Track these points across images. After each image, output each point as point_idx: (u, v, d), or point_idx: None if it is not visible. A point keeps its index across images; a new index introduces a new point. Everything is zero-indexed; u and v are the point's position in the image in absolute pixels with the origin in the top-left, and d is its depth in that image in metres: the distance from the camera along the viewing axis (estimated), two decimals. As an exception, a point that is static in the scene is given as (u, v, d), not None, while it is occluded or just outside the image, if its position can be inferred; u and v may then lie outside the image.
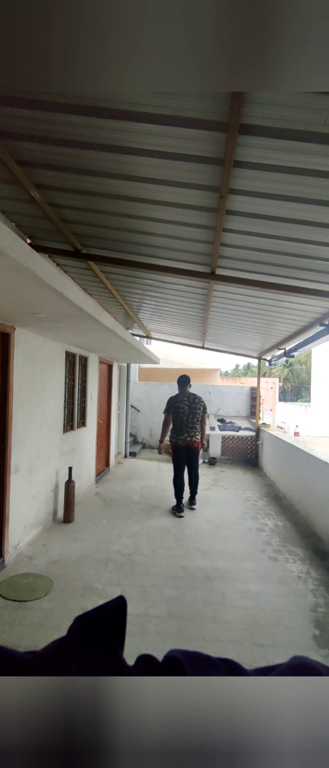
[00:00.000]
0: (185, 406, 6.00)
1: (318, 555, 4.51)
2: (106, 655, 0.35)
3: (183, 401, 6.04)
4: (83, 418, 6.73)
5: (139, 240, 3.80)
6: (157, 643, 2.86)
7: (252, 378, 22.59)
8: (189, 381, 6.17)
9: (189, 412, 5.98)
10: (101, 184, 2.89)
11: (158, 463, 8.79)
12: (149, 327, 8.80)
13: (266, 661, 2.74)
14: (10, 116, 2.24)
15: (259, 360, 9.87)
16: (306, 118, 1.92)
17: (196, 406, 6.02)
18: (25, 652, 0.35)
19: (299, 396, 37.58)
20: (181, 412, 5.98)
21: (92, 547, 4.43)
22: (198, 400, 6.06)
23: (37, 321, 3.80)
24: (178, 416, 5.99)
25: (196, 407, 6.01)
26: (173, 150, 2.34)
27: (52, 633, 2.89)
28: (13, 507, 4.11)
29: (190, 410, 5.99)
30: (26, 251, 2.22)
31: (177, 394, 6.16)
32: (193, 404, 6.02)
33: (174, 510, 5.88)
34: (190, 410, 5.99)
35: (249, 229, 3.16)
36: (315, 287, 3.98)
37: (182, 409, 5.99)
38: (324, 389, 22.17)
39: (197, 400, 6.06)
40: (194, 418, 5.98)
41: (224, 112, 1.97)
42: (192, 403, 6.03)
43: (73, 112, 2.13)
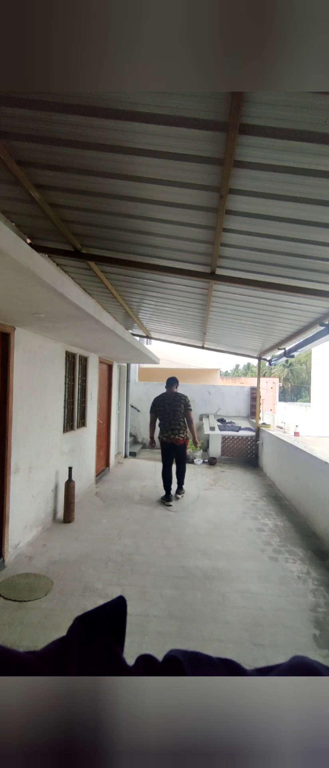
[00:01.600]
0: (166, 405, 6.41)
1: (318, 555, 4.51)
2: (106, 655, 0.35)
3: (164, 401, 6.46)
4: (83, 418, 6.73)
5: (139, 240, 3.80)
6: (157, 643, 2.86)
7: (252, 378, 22.58)
8: (176, 382, 6.64)
9: (170, 410, 6.37)
10: (101, 184, 2.89)
11: (155, 464, 8.78)
12: (149, 327, 8.80)
13: (266, 661, 2.74)
14: (10, 116, 2.24)
15: (259, 360, 9.87)
16: (306, 118, 1.92)
17: (177, 404, 6.36)
18: (25, 652, 0.35)
19: (299, 396, 37.60)
20: (163, 411, 6.41)
21: (92, 547, 4.43)
22: (178, 398, 6.42)
23: (37, 321, 3.80)
24: (161, 415, 6.44)
25: (177, 405, 6.37)
26: (173, 150, 2.34)
27: (52, 633, 2.89)
28: (13, 507, 4.11)
29: (171, 408, 6.37)
30: (26, 251, 2.22)
31: (161, 394, 6.60)
32: (174, 402, 6.39)
33: (162, 500, 6.34)
34: (171, 408, 6.37)
35: (249, 229, 3.16)
36: (315, 287, 3.98)
37: (164, 408, 6.42)
38: (324, 389, 22.18)
39: (178, 398, 6.39)
40: (175, 415, 6.34)
41: (224, 112, 1.97)
42: (173, 402, 6.39)
43: (73, 112, 2.13)
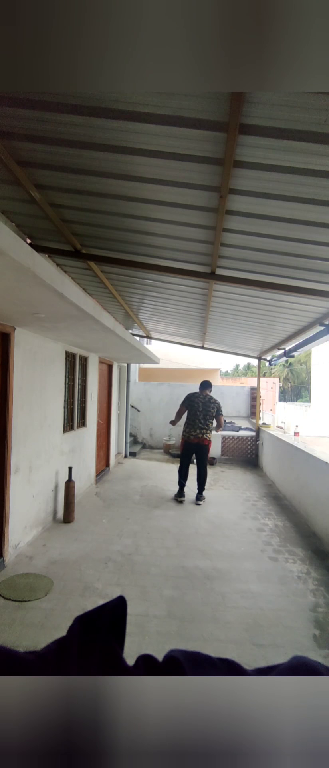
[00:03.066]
0: (200, 404, 6.47)
1: (318, 555, 4.51)
2: (106, 655, 0.35)
3: (198, 399, 6.52)
4: (83, 418, 6.73)
5: (139, 240, 3.80)
6: (157, 643, 2.86)
7: (252, 378, 22.59)
8: (210, 386, 6.68)
9: (203, 409, 6.43)
10: (101, 184, 2.89)
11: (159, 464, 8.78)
12: (149, 327, 8.80)
13: (266, 661, 2.74)
14: (10, 116, 2.24)
15: (259, 360, 9.87)
16: (306, 118, 1.92)
17: (210, 407, 6.48)
18: (25, 652, 0.35)
19: (299, 396, 37.60)
20: (195, 408, 6.46)
21: (92, 547, 4.43)
22: (212, 401, 6.53)
23: (37, 321, 3.80)
24: (192, 411, 6.47)
25: (210, 407, 6.47)
26: (173, 150, 2.34)
27: (52, 633, 2.89)
28: (13, 507, 4.11)
29: (204, 408, 6.44)
30: (26, 251, 2.22)
31: (195, 393, 6.65)
32: (207, 404, 6.47)
33: (176, 497, 6.48)
34: (204, 408, 6.44)
35: (249, 229, 3.16)
36: (315, 287, 3.98)
37: (196, 406, 6.46)
38: (324, 389, 22.18)
39: (212, 401, 6.52)
40: (207, 416, 6.41)
41: (224, 112, 1.97)
42: (207, 404, 6.47)
43: (72, 112, 2.13)
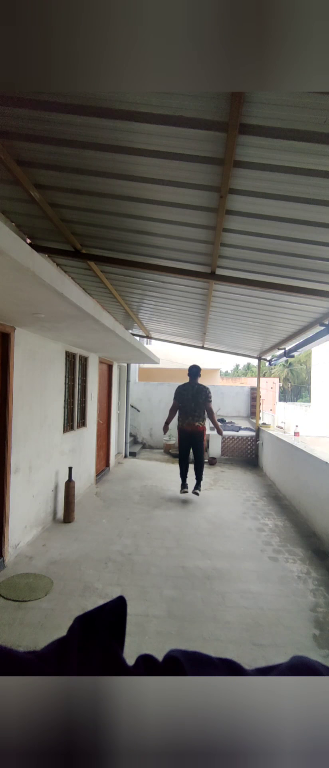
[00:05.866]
0: (189, 393, 6.53)
1: (318, 555, 4.51)
2: (106, 655, 0.35)
3: (187, 389, 6.57)
4: (83, 418, 6.73)
5: (139, 240, 3.80)
6: (157, 643, 2.86)
7: (252, 378, 22.58)
8: (199, 372, 6.65)
9: (192, 399, 6.48)
10: (101, 184, 2.89)
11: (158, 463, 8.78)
12: (149, 327, 8.80)
13: (266, 661, 2.74)
14: (10, 116, 2.24)
15: (259, 360, 9.87)
16: (306, 118, 1.92)
17: (199, 394, 6.46)
18: (25, 652, 0.35)
19: (299, 396, 37.58)
20: (185, 399, 6.53)
21: (92, 547, 4.43)
22: (201, 389, 6.54)
23: (37, 321, 3.80)
24: (182, 402, 6.54)
25: (199, 395, 6.47)
26: (173, 150, 2.34)
27: (52, 633, 2.89)
28: (13, 507, 4.11)
29: (193, 398, 6.48)
30: (26, 251, 2.22)
31: (185, 383, 6.68)
32: (197, 392, 6.48)
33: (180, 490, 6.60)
34: (193, 398, 6.48)
35: (249, 229, 3.16)
36: (315, 287, 3.98)
37: (186, 396, 6.53)
38: (324, 389, 22.16)
39: (201, 389, 6.52)
40: (196, 404, 6.46)
41: (224, 112, 1.97)
42: (196, 392, 6.49)
43: (73, 112, 2.13)
